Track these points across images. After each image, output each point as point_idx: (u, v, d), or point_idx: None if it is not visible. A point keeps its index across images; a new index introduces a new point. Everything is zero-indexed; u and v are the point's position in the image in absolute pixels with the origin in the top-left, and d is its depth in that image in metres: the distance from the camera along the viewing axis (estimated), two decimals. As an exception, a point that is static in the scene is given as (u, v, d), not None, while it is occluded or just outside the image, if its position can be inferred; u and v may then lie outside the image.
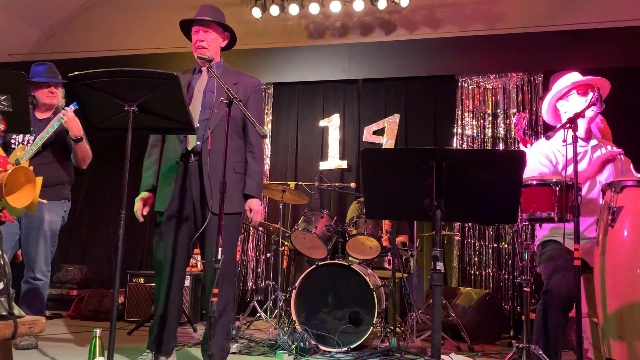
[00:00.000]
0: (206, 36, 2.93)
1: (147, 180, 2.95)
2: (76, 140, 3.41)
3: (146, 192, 2.93)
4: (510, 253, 5.37)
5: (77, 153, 3.50)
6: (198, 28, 2.94)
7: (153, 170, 2.95)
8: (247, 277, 5.97)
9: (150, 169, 2.96)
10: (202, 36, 2.92)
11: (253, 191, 2.91)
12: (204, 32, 2.93)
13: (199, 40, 2.92)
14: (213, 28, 2.96)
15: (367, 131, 5.98)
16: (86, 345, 3.51)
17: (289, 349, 3.38)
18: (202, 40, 2.92)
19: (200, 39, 2.92)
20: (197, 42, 2.92)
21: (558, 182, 2.54)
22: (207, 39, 2.93)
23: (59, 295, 5.54)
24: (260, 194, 2.96)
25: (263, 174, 3.02)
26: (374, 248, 4.08)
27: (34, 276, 3.42)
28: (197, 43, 2.92)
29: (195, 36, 2.94)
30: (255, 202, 2.91)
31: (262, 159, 3.03)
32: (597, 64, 5.17)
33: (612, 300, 2.34)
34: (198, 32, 2.94)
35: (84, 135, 3.46)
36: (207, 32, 2.94)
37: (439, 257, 2.07)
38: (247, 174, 2.93)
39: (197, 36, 2.93)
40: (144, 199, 2.92)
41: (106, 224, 6.46)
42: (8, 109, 2.23)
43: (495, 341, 4.40)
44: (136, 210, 2.90)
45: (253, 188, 2.91)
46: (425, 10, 6.05)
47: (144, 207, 2.92)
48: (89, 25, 6.96)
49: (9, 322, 1.42)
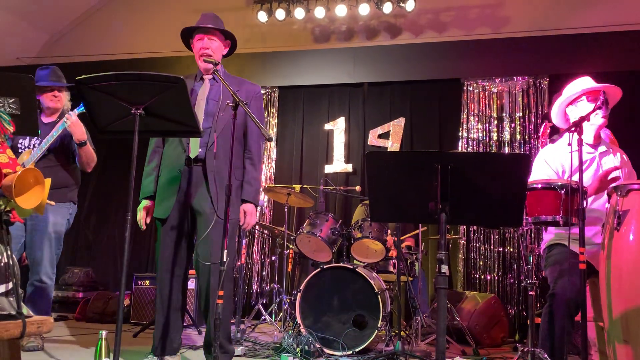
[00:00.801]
0: (210, 43, 2.97)
1: (147, 187, 2.98)
2: (80, 145, 3.43)
3: (147, 200, 2.96)
4: (515, 257, 5.35)
5: (82, 157, 3.52)
6: (202, 35, 2.97)
7: (153, 177, 2.98)
8: (252, 280, 5.97)
9: (151, 175, 2.99)
10: (207, 43, 2.96)
11: (250, 197, 2.94)
12: (209, 39, 2.97)
13: (204, 48, 2.95)
14: (216, 36, 3.00)
15: (372, 134, 5.98)
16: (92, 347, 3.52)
17: (294, 352, 3.39)
18: (207, 48, 2.95)
19: (205, 46, 2.95)
20: (202, 49, 2.95)
21: (563, 185, 2.53)
22: (211, 46, 2.97)
23: (64, 297, 5.56)
24: (256, 200, 2.99)
25: (260, 181, 3.04)
26: (378, 251, 4.08)
27: (40, 279, 3.42)
28: (202, 50, 2.95)
29: (199, 43, 2.96)
30: (250, 206, 2.94)
31: (260, 166, 3.06)
32: (603, 68, 5.16)
33: (617, 304, 2.33)
34: (202, 39, 2.96)
35: (88, 139, 3.48)
36: (211, 39, 2.97)
37: (443, 259, 2.07)
38: (245, 179, 2.95)
39: (202, 43, 2.96)
40: (147, 208, 2.95)
41: (112, 227, 6.49)
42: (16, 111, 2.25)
43: (500, 345, 4.38)
44: (139, 219, 2.93)
45: (250, 194, 2.94)
46: (430, 14, 6.06)
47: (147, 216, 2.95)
48: (96, 29, 7.02)
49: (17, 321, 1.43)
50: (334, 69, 6.12)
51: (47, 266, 3.45)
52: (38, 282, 3.42)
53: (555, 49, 5.48)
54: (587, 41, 5.41)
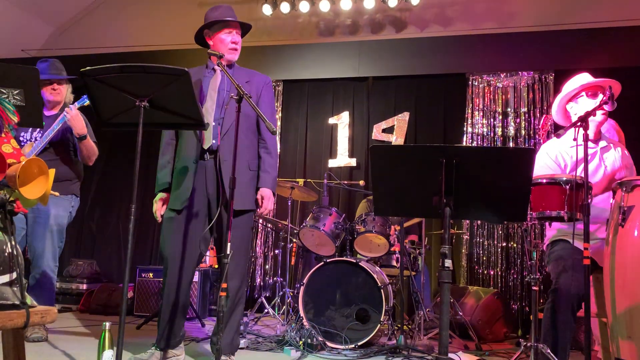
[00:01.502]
0: (238, 38, 3.02)
1: (163, 179, 2.97)
2: (80, 139, 3.44)
3: (163, 193, 2.96)
4: (519, 252, 5.35)
5: (82, 150, 3.53)
6: (232, 29, 3.00)
7: (168, 169, 2.98)
8: (256, 273, 5.99)
9: (166, 167, 2.99)
10: (236, 37, 3.00)
11: (268, 184, 2.94)
12: (237, 33, 3.01)
13: (234, 42, 2.98)
14: (240, 31, 3.05)
15: (376, 129, 5.97)
16: (95, 339, 3.55)
17: (297, 345, 3.40)
18: (237, 42, 3.00)
19: (235, 41, 2.99)
20: (232, 42, 2.98)
21: (568, 180, 2.52)
22: (239, 41, 3.02)
23: (68, 289, 5.59)
24: (274, 188, 2.99)
25: (277, 169, 3.05)
26: (382, 246, 4.08)
27: (41, 271, 3.42)
28: (233, 45, 2.98)
29: (231, 37, 2.98)
30: (268, 191, 2.94)
31: (276, 154, 3.06)
32: (609, 63, 5.13)
33: (621, 300, 2.33)
34: (232, 33, 2.99)
35: (89, 132, 3.49)
36: (238, 34, 3.03)
37: (447, 254, 2.07)
38: (262, 168, 2.96)
39: (233, 37, 2.99)
40: (163, 200, 2.95)
41: (116, 219, 6.50)
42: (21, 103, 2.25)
43: (503, 340, 4.39)
44: (155, 211, 2.94)
45: (268, 182, 2.94)
46: (436, 8, 6.03)
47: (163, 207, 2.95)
48: (101, 22, 7.02)
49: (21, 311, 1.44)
50: (339, 63, 6.11)
51: (49, 259, 3.46)
52: (39, 275, 3.43)
53: (561, 44, 5.45)
54: (594, 36, 5.38)
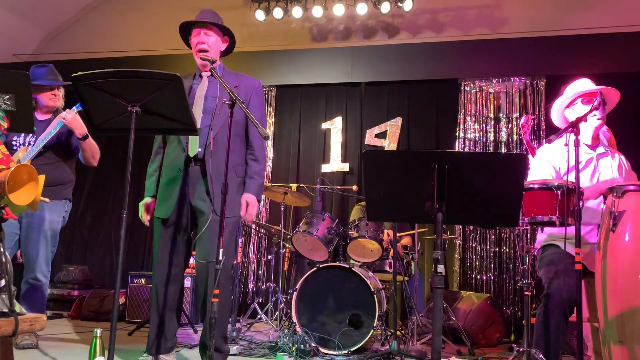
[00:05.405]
0: (207, 38, 2.92)
1: (150, 186, 2.98)
2: (82, 138, 3.44)
3: (149, 198, 2.96)
4: (511, 257, 5.36)
5: (86, 150, 3.52)
6: (199, 30, 2.92)
7: (155, 178, 2.98)
8: (248, 279, 5.96)
9: (153, 176, 2.99)
10: (204, 38, 2.91)
11: (252, 190, 2.89)
12: (205, 34, 2.92)
13: (200, 42, 2.90)
14: (214, 30, 2.95)
15: (369, 134, 5.98)
16: (86, 345, 3.52)
17: (290, 351, 3.38)
18: (203, 43, 2.90)
19: (201, 41, 2.90)
20: (198, 43, 2.90)
21: (560, 185, 2.53)
22: (207, 41, 2.91)
23: (60, 295, 5.55)
24: (259, 195, 2.94)
25: (264, 177, 3.01)
26: (375, 251, 4.08)
27: (35, 277, 3.41)
28: (199, 45, 2.90)
29: (196, 38, 2.92)
30: (252, 197, 2.88)
31: (264, 161, 3.02)
32: (600, 69, 5.17)
33: (613, 305, 2.33)
34: (199, 34, 2.92)
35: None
36: (207, 34, 2.93)
37: (440, 259, 2.07)
38: (248, 175, 2.93)
39: (199, 38, 2.91)
40: (147, 204, 2.95)
41: (108, 225, 6.48)
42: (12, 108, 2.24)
43: (496, 345, 4.39)
44: (141, 216, 2.95)
45: (253, 188, 2.90)
46: (428, 14, 6.06)
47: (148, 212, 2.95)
48: (93, 27, 7.00)
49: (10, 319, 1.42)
50: (332, 68, 6.12)
51: (42, 264, 3.45)
52: (33, 280, 3.42)
53: (552, 49, 5.49)
54: (585, 42, 5.42)
